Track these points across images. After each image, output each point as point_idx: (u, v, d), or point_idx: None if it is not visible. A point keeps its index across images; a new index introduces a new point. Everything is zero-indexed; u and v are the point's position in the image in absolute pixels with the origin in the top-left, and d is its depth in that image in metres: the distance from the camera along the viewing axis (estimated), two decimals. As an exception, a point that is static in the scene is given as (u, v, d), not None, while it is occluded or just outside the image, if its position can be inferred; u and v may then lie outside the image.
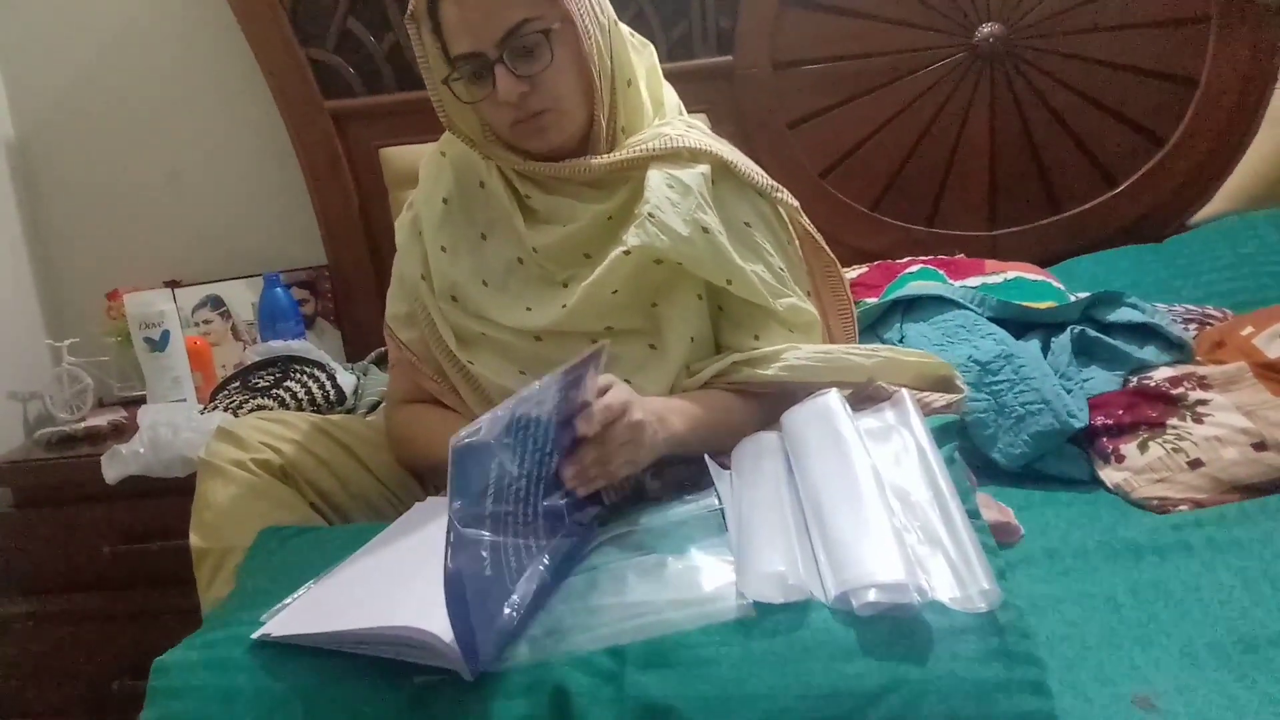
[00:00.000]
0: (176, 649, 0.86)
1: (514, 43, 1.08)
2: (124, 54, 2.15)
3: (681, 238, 1.09)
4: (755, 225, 1.18)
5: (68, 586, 1.85)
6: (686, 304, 1.15)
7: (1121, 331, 1.48)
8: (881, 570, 0.77)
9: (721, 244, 1.11)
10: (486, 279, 1.19)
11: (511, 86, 1.09)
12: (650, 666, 0.76)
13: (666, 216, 1.09)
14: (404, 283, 1.25)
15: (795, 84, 2.00)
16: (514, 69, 1.09)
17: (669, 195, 1.11)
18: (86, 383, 2.03)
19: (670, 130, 1.18)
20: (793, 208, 1.22)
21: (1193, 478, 1.23)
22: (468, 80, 1.13)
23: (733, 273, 1.12)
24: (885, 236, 2.03)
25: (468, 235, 1.21)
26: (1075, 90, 1.95)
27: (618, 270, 1.11)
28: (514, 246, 1.19)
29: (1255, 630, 0.93)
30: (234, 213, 2.22)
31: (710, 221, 1.11)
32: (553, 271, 1.18)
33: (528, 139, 1.15)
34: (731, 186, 1.18)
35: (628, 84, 1.18)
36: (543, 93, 1.11)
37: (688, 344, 1.15)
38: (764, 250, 1.17)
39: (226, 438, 1.18)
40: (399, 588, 0.85)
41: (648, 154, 1.15)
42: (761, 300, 1.14)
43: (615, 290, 1.13)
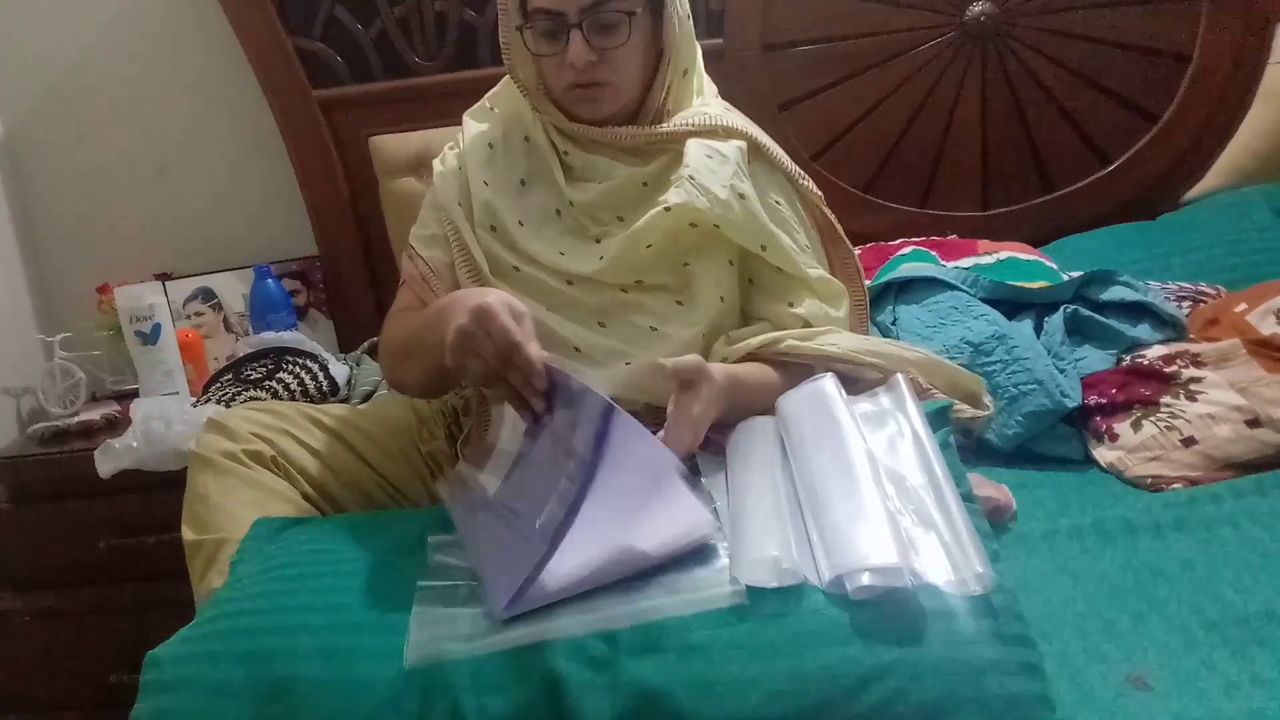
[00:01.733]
0: (168, 642, 0.86)
1: (596, 14, 1.13)
2: (112, 47, 2.13)
3: (720, 200, 1.14)
4: (784, 205, 1.23)
5: (63, 581, 1.85)
6: (718, 266, 1.20)
7: (1115, 310, 1.48)
8: (875, 554, 0.77)
9: (757, 210, 1.17)
10: (523, 220, 1.23)
11: (583, 54, 1.14)
12: (644, 652, 0.76)
13: (705, 180, 1.15)
14: (437, 208, 1.28)
15: (786, 65, 1.99)
16: (590, 39, 1.14)
17: (708, 163, 1.16)
18: (79, 377, 2.02)
19: (710, 109, 1.24)
20: (817, 195, 1.27)
21: (1186, 455, 1.23)
22: (540, 34, 1.17)
23: (768, 238, 1.17)
24: (878, 218, 2.02)
25: (509, 180, 1.26)
26: (1067, 68, 1.94)
27: (656, 227, 1.15)
28: (553, 198, 1.24)
29: (1249, 608, 0.93)
30: (224, 204, 2.21)
31: (747, 189, 1.17)
32: (587, 225, 1.22)
33: (580, 104, 1.20)
34: (763, 167, 1.24)
35: (684, 73, 1.25)
36: (609, 67, 1.17)
37: (717, 302, 1.18)
38: (791, 228, 1.22)
39: (217, 429, 1.18)
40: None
41: (687, 129, 1.20)
42: (794, 268, 1.19)
43: (649, 245, 1.17)
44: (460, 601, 0.83)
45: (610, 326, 1.18)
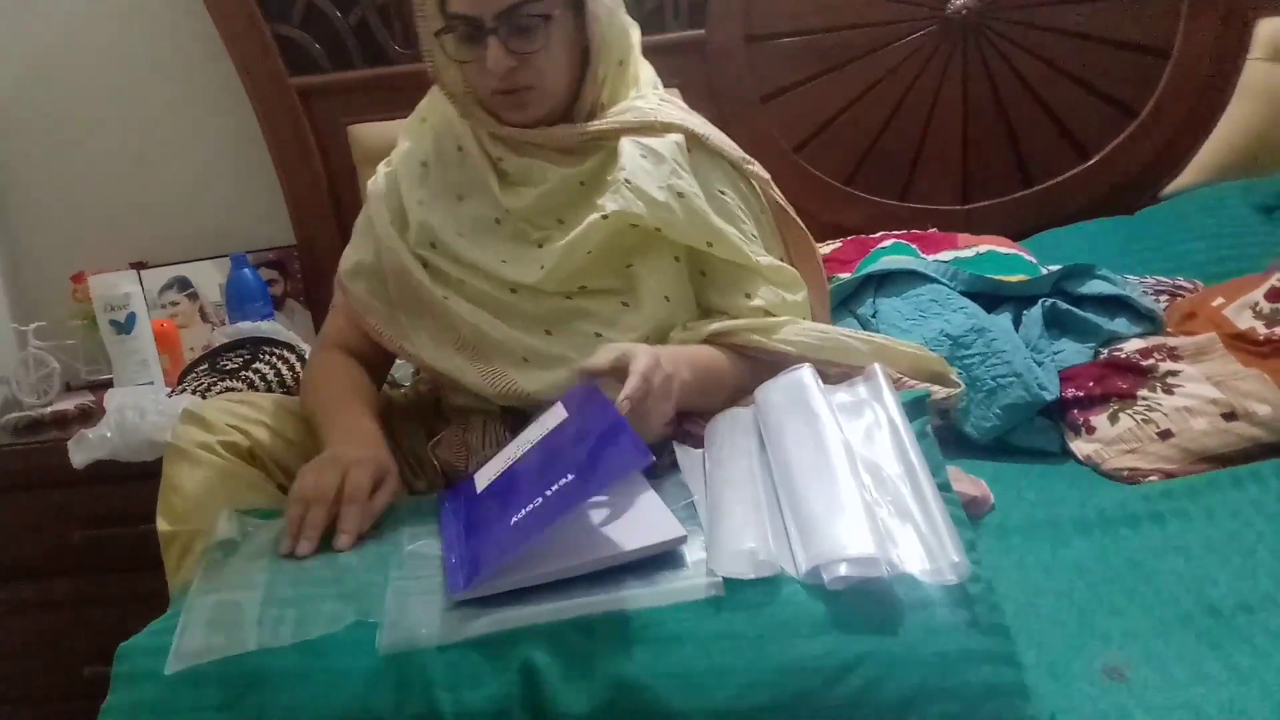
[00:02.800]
0: (140, 634, 0.85)
1: (513, 19, 1.10)
2: (87, 33, 2.11)
3: (657, 203, 1.12)
4: (729, 193, 1.20)
5: (37, 573, 1.83)
6: (661, 265, 1.17)
7: (1093, 304, 1.49)
8: (852, 544, 0.77)
9: (699, 207, 1.14)
10: (462, 232, 1.21)
11: (502, 59, 1.11)
12: (621, 644, 0.76)
13: (641, 182, 1.12)
14: (367, 232, 1.26)
15: (768, 57, 1.99)
16: (507, 43, 1.11)
17: (642, 163, 1.14)
18: (53, 367, 2.00)
19: (643, 104, 1.21)
20: (763, 179, 1.25)
21: (1163, 448, 1.24)
22: (460, 40, 1.14)
23: (712, 234, 1.15)
24: (859, 211, 2.02)
25: (444, 195, 1.23)
26: (1047, 62, 1.95)
27: (593, 234, 1.13)
28: (490, 207, 1.21)
29: (1224, 599, 0.93)
30: (200, 193, 2.19)
31: (685, 186, 1.14)
32: (527, 230, 1.20)
33: (506, 109, 1.18)
34: (704, 157, 1.21)
35: (619, 63, 1.21)
36: (531, 71, 1.14)
37: (662, 302, 1.16)
38: (738, 219, 1.19)
39: (193, 420, 1.16)
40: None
41: (620, 126, 1.17)
42: (745, 260, 1.16)
43: (589, 251, 1.15)
44: (434, 591, 0.83)
45: (556, 334, 1.17)
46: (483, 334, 1.16)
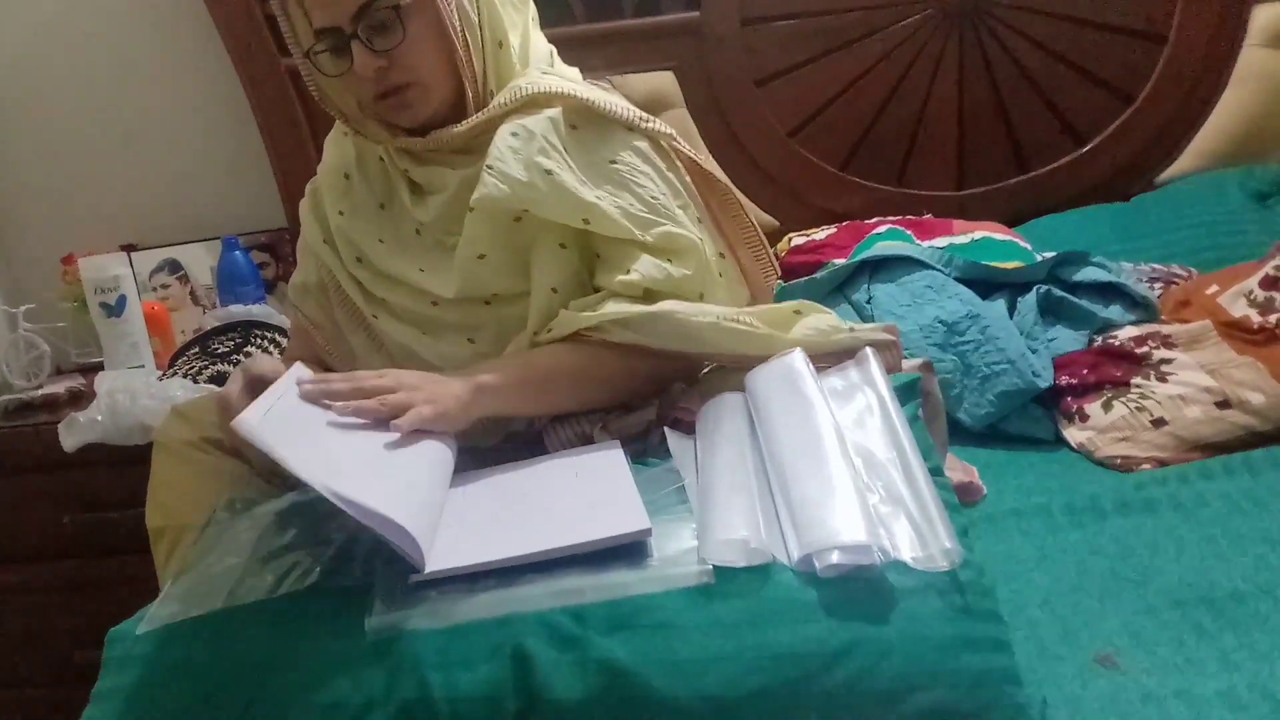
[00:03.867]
0: (131, 619, 0.85)
1: (368, 19, 1.07)
2: (77, 15, 2.10)
3: (521, 183, 1.06)
4: (624, 159, 1.13)
5: (27, 557, 1.83)
6: (547, 254, 1.12)
7: (1087, 291, 1.49)
8: (844, 531, 0.76)
9: (568, 182, 1.08)
10: (384, 239, 1.18)
11: (368, 62, 1.08)
12: (613, 630, 0.75)
13: (506, 165, 1.07)
14: (307, 251, 1.25)
15: (764, 41, 1.98)
16: (369, 44, 1.07)
17: (511, 144, 1.08)
18: (43, 349, 1.99)
19: (522, 82, 1.15)
20: (667, 135, 1.17)
21: (1156, 436, 1.24)
22: (330, 54, 1.11)
23: (587, 210, 1.08)
24: (854, 196, 2.02)
25: (366, 203, 1.20)
26: (1043, 48, 1.94)
27: (475, 232, 1.09)
28: (409, 220, 1.18)
29: (1216, 587, 0.93)
30: (191, 175, 2.18)
31: (552, 163, 1.08)
32: (443, 239, 1.16)
33: (395, 113, 1.13)
34: (594, 126, 1.14)
35: (499, 45, 1.16)
36: (401, 67, 1.09)
37: (548, 294, 1.11)
38: (633, 183, 1.12)
39: (179, 418, 1.17)
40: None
41: (502, 110, 1.12)
42: (625, 234, 1.09)
43: (482, 255, 1.11)
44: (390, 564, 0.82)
45: (478, 342, 1.14)
46: (407, 350, 1.16)
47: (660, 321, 1.06)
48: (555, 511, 0.87)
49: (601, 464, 0.96)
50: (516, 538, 0.82)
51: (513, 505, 0.90)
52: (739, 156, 1.99)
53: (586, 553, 0.79)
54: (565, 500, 0.89)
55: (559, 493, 0.92)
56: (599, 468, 0.95)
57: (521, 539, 0.81)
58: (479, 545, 0.81)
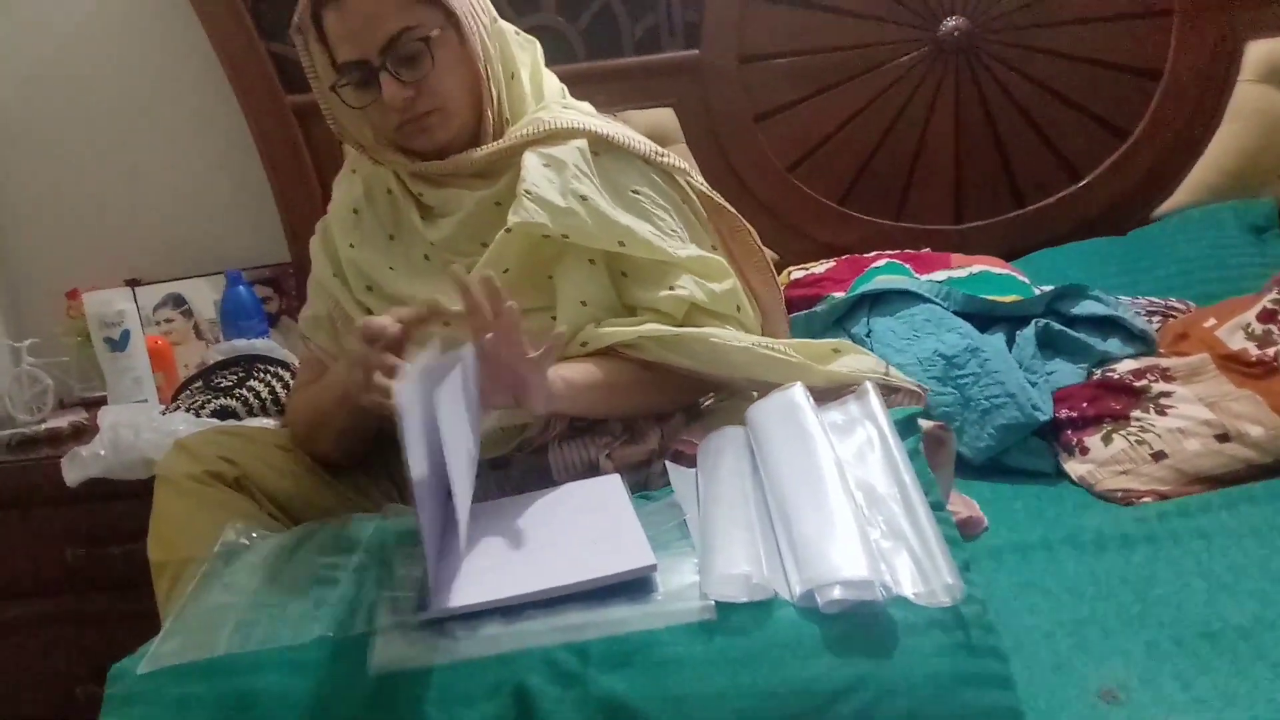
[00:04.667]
0: (133, 656, 0.85)
1: (396, 50, 1.12)
2: (82, 49, 2.12)
3: (560, 209, 1.12)
4: (643, 191, 1.19)
5: (29, 592, 1.81)
6: (577, 269, 1.16)
7: (1085, 324, 1.49)
8: (846, 567, 0.77)
9: (603, 208, 1.14)
10: (394, 266, 1.22)
11: (397, 92, 1.13)
12: (614, 667, 0.75)
13: (543, 192, 1.12)
14: (317, 286, 1.29)
15: (762, 77, 2.00)
16: (398, 75, 1.13)
17: (545, 173, 1.14)
18: (46, 383, 2.00)
19: (544, 115, 1.21)
20: (681, 169, 1.23)
21: (1156, 469, 1.24)
22: (355, 86, 1.16)
23: (622, 234, 1.14)
24: (853, 231, 2.03)
25: (376, 235, 1.24)
26: (1039, 84, 1.96)
27: (505, 250, 1.14)
28: (418, 244, 1.22)
29: (1218, 621, 0.93)
30: (195, 210, 2.19)
31: (587, 190, 1.14)
32: (453, 260, 1.19)
33: (414, 138, 1.18)
34: (614, 158, 1.20)
35: (511, 77, 1.22)
36: (427, 95, 1.15)
37: (578, 307, 1.15)
38: (654, 214, 1.18)
39: (182, 451, 1.18)
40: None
41: (523, 140, 1.18)
42: (661, 255, 1.15)
43: (507, 269, 1.15)
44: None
45: None
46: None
47: (696, 343, 1.11)
48: (560, 548, 0.87)
49: (603, 498, 0.97)
50: (522, 575, 0.82)
51: (517, 542, 0.90)
52: (738, 191, 2.01)
53: (592, 589, 0.80)
54: (569, 536, 0.89)
55: (563, 528, 0.92)
56: (601, 502, 0.96)
57: (527, 576, 0.82)
58: (485, 584, 0.82)
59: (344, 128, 1.23)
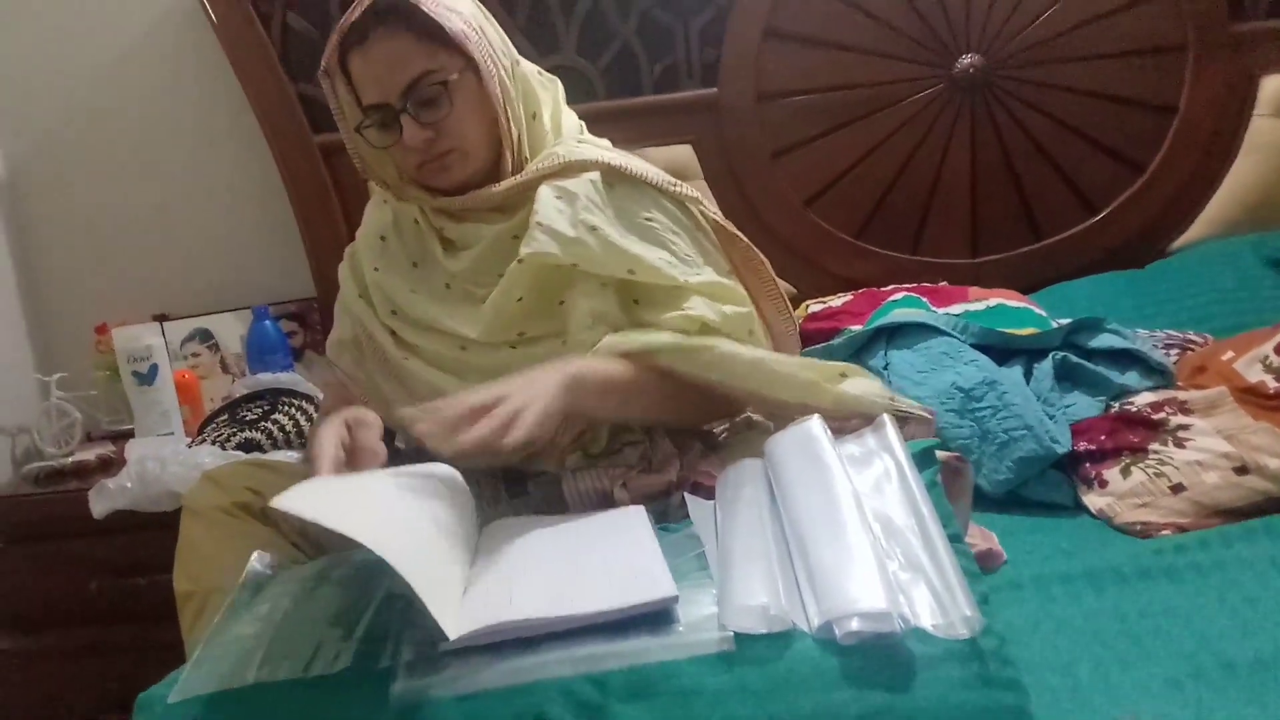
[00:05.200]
0: (160, 684, 0.86)
1: (416, 94, 1.16)
2: (113, 89, 2.17)
3: (570, 239, 1.15)
4: (656, 217, 1.22)
5: (56, 622, 1.84)
6: (587, 291, 1.18)
7: (1103, 357, 1.49)
8: (864, 598, 0.77)
9: (614, 237, 1.16)
10: (415, 289, 1.26)
11: (416, 133, 1.17)
12: (633, 697, 0.76)
13: (554, 223, 1.15)
14: (343, 309, 1.34)
15: (779, 115, 2.03)
16: (418, 117, 1.17)
17: (556, 204, 1.17)
18: (74, 417, 2.03)
19: (559, 149, 1.24)
20: (693, 198, 1.26)
21: (1175, 502, 1.24)
22: (378, 128, 1.20)
23: (632, 262, 1.16)
24: (870, 264, 2.04)
25: (400, 262, 1.29)
26: (1055, 119, 1.98)
27: (517, 281, 1.17)
28: (441, 274, 1.26)
29: (1237, 654, 0.93)
30: (222, 246, 2.23)
31: (597, 220, 1.17)
32: (473, 291, 1.24)
33: (434, 177, 1.22)
34: (628, 188, 1.23)
35: (533, 116, 1.26)
36: (446, 136, 1.19)
37: (588, 323, 1.17)
38: (668, 240, 1.21)
39: (209, 483, 1.21)
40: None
41: (539, 174, 1.21)
42: (671, 280, 1.17)
43: (520, 298, 1.18)
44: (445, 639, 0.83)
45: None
46: (437, 391, 1.20)
47: (708, 353, 1.13)
48: (583, 576, 0.88)
49: (627, 528, 0.98)
50: (544, 603, 0.83)
51: (541, 568, 0.91)
52: (756, 226, 2.02)
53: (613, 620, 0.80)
54: (593, 564, 0.90)
55: (586, 556, 0.93)
56: (625, 532, 0.97)
57: (550, 604, 0.82)
58: (506, 610, 0.82)
59: (369, 166, 1.27)
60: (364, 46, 1.16)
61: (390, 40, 1.15)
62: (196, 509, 1.17)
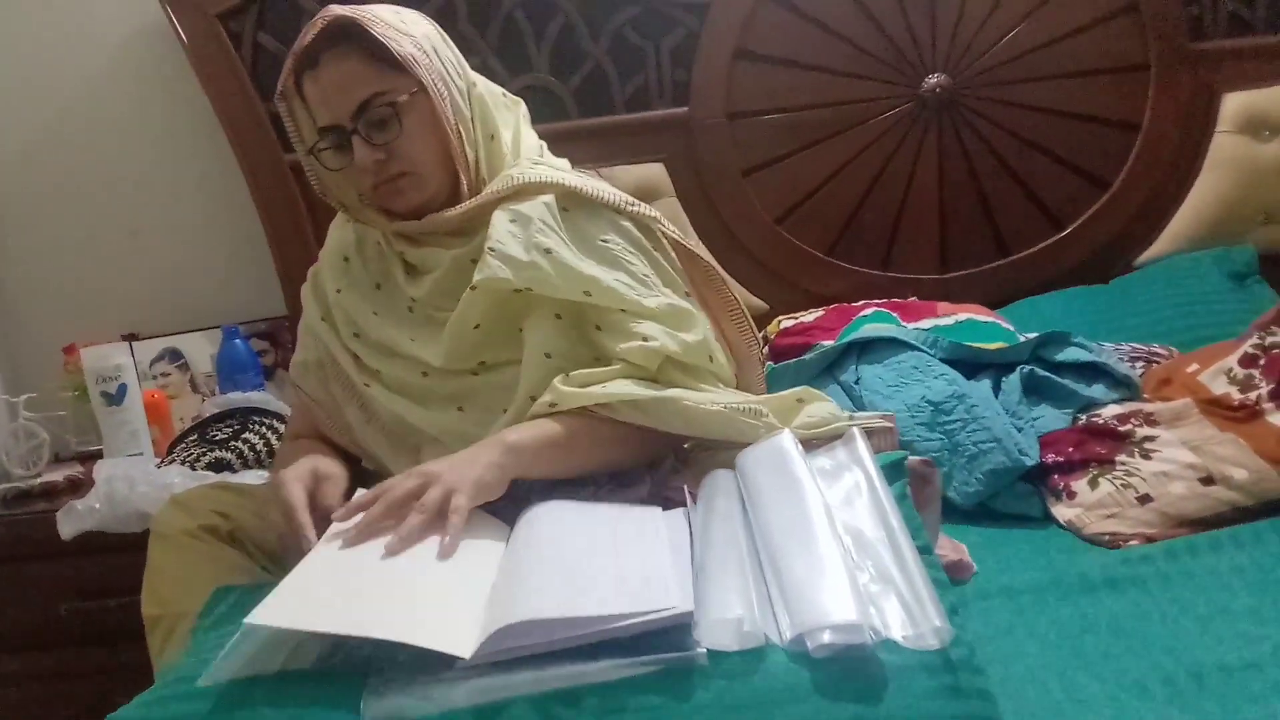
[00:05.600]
0: (128, 706, 0.85)
1: (367, 115, 1.16)
2: (83, 108, 2.15)
3: (523, 264, 1.13)
4: (613, 240, 1.20)
5: (23, 645, 1.81)
6: (541, 324, 1.17)
7: (1070, 370, 1.51)
8: (836, 611, 0.77)
9: (567, 260, 1.14)
10: (378, 311, 1.25)
11: (367, 154, 1.16)
12: (606, 715, 0.75)
13: (507, 248, 1.14)
14: (307, 331, 1.31)
15: (750, 134, 2.04)
16: (369, 139, 1.16)
17: (510, 229, 1.16)
18: (42, 438, 2.00)
19: (515, 172, 1.22)
20: (651, 218, 1.24)
21: (1142, 513, 1.25)
22: (333, 150, 1.19)
23: (587, 284, 1.14)
24: (840, 280, 2.06)
25: (362, 282, 1.28)
26: (1020, 137, 2.01)
27: (473, 307, 1.16)
28: (402, 298, 1.25)
29: (1204, 662, 0.94)
30: (192, 265, 2.22)
31: (551, 243, 1.15)
32: (433, 315, 1.22)
33: (389, 200, 1.21)
34: (584, 211, 1.21)
35: (491, 138, 1.25)
36: (398, 158, 1.17)
37: (542, 360, 1.15)
38: (625, 261, 1.18)
39: (176, 506, 1.20)
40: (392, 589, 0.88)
41: (494, 197, 1.20)
42: (628, 304, 1.15)
43: (477, 325, 1.17)
44: (416, 661, 0.83)
45: (467, 410, 1.19)
46: (399, 418, 1.20)
47: (668, 405, 1.10)
48: (597, 583, 0.85)
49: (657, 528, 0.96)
50: (553, 604, 0.81)
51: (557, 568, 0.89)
52: (728, 243, 2.04)
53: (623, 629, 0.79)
54: (613, 566, 0.88)
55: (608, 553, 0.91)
56: (653, 533, 0.95)
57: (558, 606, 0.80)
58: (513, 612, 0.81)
59: (327, 188, 1.25)
60: (316, 70, 1.16)
61: (341, 63, 1.15)
62: (164, 533, 1.17)
